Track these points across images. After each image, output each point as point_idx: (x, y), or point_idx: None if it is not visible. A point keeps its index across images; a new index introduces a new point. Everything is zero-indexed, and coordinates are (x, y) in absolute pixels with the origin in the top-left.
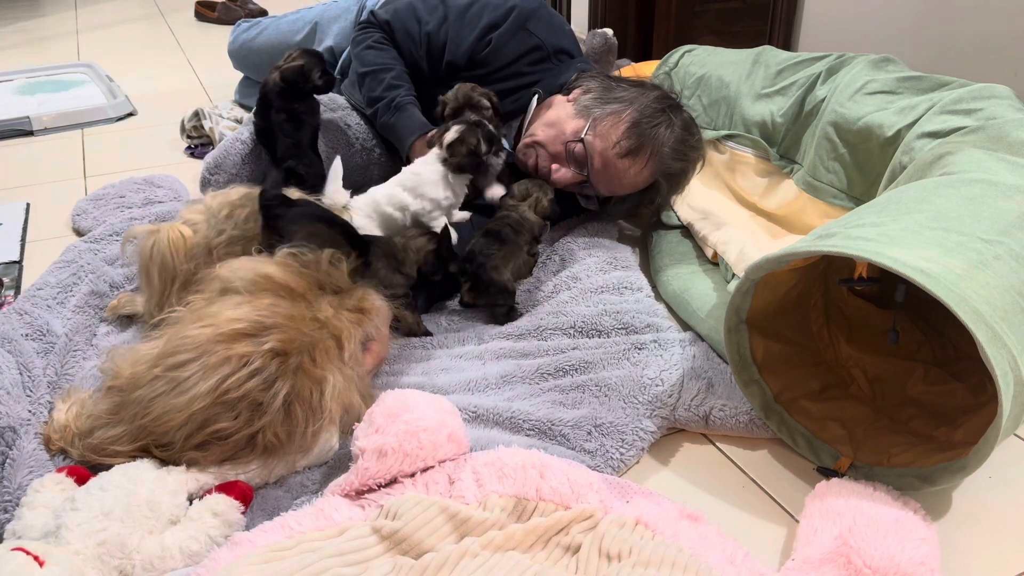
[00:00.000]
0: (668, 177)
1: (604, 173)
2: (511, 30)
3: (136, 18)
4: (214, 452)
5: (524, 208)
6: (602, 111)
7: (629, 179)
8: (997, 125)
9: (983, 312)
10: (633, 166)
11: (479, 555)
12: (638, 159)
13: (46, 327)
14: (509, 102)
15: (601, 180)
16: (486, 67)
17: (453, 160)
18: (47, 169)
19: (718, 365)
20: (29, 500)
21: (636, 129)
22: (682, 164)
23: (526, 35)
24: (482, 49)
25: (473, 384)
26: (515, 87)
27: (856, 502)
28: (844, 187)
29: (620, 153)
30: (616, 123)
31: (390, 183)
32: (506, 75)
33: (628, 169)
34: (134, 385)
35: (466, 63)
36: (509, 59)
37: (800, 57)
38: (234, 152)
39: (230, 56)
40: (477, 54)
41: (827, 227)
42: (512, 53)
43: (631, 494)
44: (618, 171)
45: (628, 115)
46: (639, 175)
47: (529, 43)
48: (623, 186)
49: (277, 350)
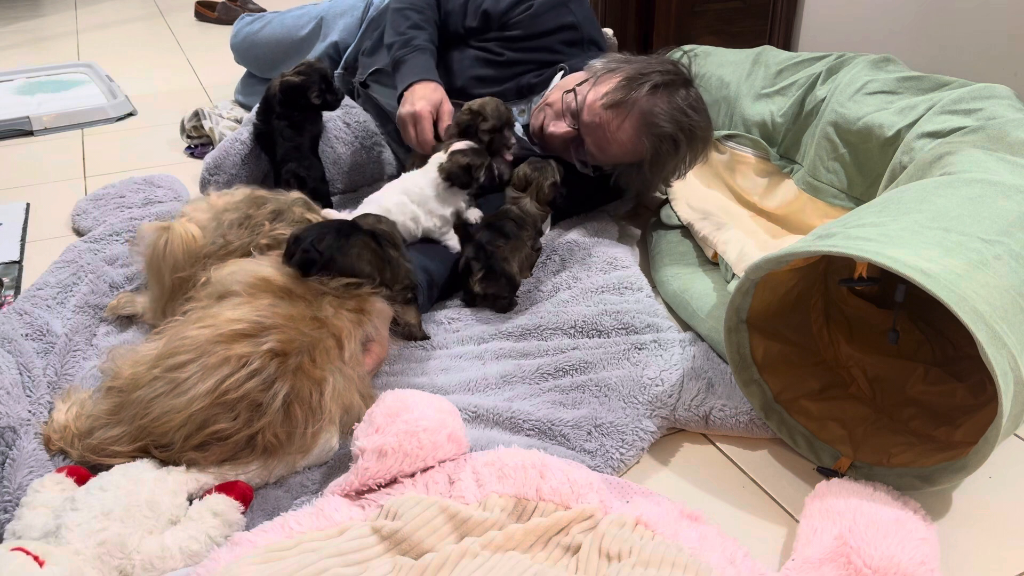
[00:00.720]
0: (658, 142)
1: (591, 125)
2: (552, 2)
3: (136, 18)
4: (213, 453)
5: (526, 202)
6: (605, 68)
7: (613, 132)
8: (997, 125)
9: (983, 312)
10: (615, 118)
11: (479, 555)
12: (620, 111)
13: (46, 327)
14: (532, 76)
15: (589, 133)
16: (518, 30)
17: (447, 166)
18: (47, 169)
19: (718, 365)
20: (29, 500)
21: (626, 83)
22: (673, 131)
23: (566, 11)
24: (520, 11)
25: (473, 384)
26: (541, 61)
27: (856, 502)
28: (844, 187)
29: (606, 104)
30: (611, 78)
31: (394, 190)
32: (536, 47)
33: (611, 121)
34: (134, 386)
35: (500, 20)
36: (543, 30)
37: (800, 57)
38: (234, 152)
39: (232, 50)
40: (513, 15)
41: (827, 227)
42: (548, 24)
43: (631, 494)
44: (602, 121)
45: (624, 71)
46: (621, 129)
47: (566, 20)
48: (609, 143)
49: (276, 350)
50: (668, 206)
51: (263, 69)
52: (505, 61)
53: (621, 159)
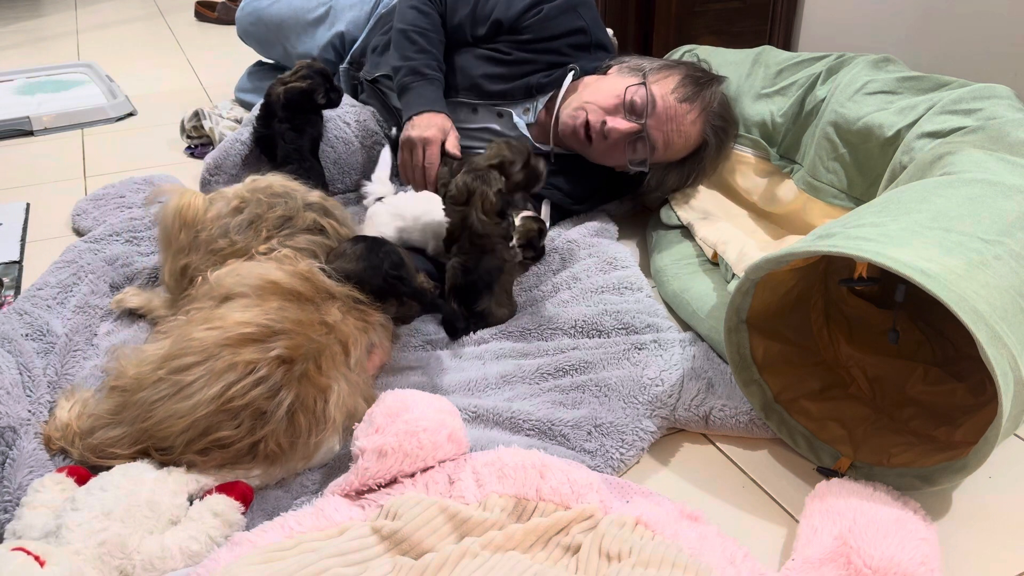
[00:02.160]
0: (714, 136)
1: (663, 117)
2: (562, 7)
3: (136, 18)
4: (215, 458)
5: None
6: (652, 67)
7: (686, 127)
8: (997, 125)
9: (983, 312)
10: (691, 111)
11: (479, 555)
12: (695, 105)
13: (46, 327)
14: (541, 76)
15: (659, 127)
16: (528, 34)
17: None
18: (47, 169)
19: (718, 365)
20: (29, 500)
21: (690, 80)
22: (725, 125)
23: (575, 16)
24: (531, 16)
25: (473, 384)
26: (550, 63)
27: (856, 502)
28: (844, 187)
29: (680, 98)
30: (669, 76)
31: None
32: (545, 49)
33: (687, 115)
34: (137, 386)
35: (510, 26)
36: (553, 34)
37: (800, 57)
38: (234, 152)
39: (237, 23)
40: (524, 20)
41: (827, 227)
42: (557, 28)
43: (631, 494)
44: (678, 114)
45: (679, 71)
46: (694, 124)
47: (575, 24)
48: (679, 134)
49: (284, 357)
50: (668, 206)
51: (264, 47)
52: (514, 60)
53: (682, 154)
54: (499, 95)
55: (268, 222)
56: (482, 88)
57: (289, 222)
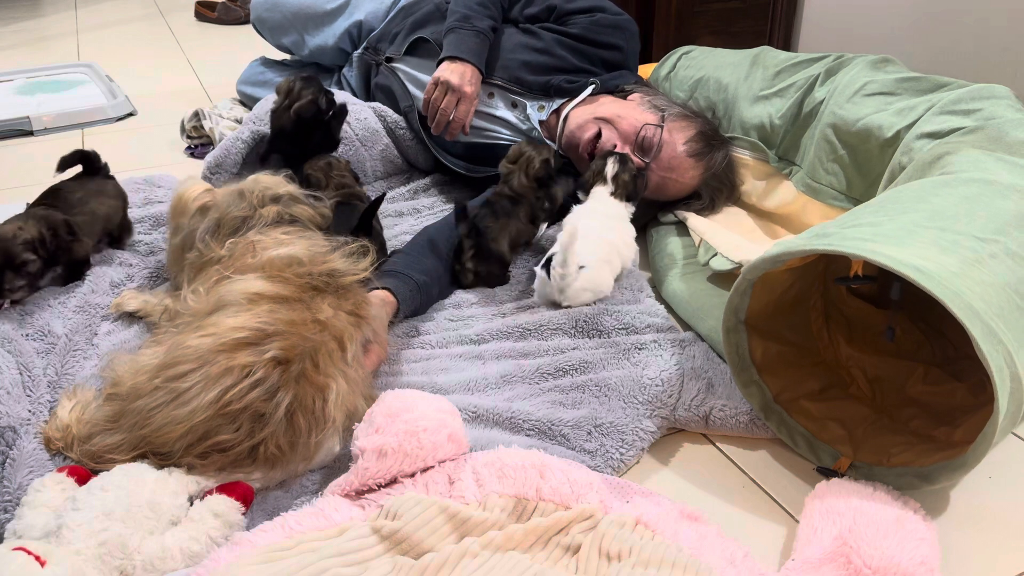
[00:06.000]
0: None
1: (666, 164)
2: (614, 23)
3: (136, 18)
4: (214, 462)
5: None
6: (672, 112)
7: (685, 180)
8: (996, 125)
9: (978, 308)
10: (694, 169)
11: (479, 555)
12: (699, 164)
13: (46, 327)
14: (564, 79)
15: (659, 170)
16: (575, 29)
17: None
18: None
19: (718, 365)
20: (30, 500)
21: (704, 138)
22: (720, 187)
23: (621, 36)
24: (585, 16)
25: (473, 384)
26: (577, 68)
27: (856, 502)
28: (843, 188)
29: (688, 152)
30: (686, 127)
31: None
32: (581, 51)
33: (689, 170)
34: (135, 395)
35: (561, 15)
36: (596, 40)
37: (798, 58)
38: (234, 152)
39: (252, 9)
40: (575, 16)
41: (823, 226)
42: (603, 37)
43: (631, 494)
44: (681, 167)
45: (696, 124)
46: (692, 180)
47: (617, 42)
48: (675, 184)
49: (280, 358)
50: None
51: (277, 34)
52: (549, 53)
53: (671, 199)
54: (520, 83)
55: (226, 226)
56: (509, 70)
57: (248, 222)
